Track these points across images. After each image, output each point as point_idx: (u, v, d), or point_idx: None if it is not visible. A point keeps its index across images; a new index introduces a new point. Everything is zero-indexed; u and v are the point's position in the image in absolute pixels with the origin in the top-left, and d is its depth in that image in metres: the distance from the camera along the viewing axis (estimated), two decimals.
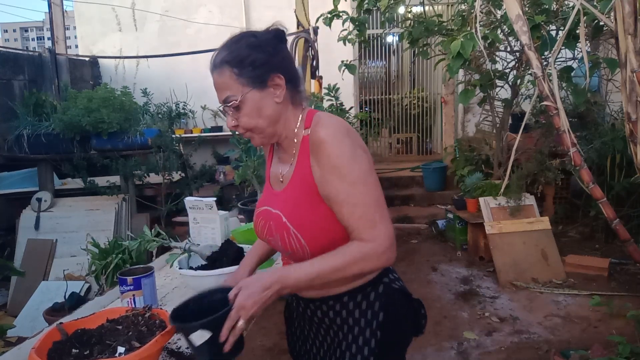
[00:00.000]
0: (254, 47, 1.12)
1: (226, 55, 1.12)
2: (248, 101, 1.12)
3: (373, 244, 1.08)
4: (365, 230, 1.09)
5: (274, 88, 1.14)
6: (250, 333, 1.48)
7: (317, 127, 1.13)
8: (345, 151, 1.09)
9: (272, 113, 1.14)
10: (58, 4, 6.22)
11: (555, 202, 5.25)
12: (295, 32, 4.69)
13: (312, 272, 1.09)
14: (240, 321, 1.05)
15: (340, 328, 1.24)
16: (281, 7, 6.21)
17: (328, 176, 1.10)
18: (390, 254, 1.10)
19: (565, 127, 2.54)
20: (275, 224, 1.19)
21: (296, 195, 1.16)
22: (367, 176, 1.11)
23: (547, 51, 3.24)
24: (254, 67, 1.11)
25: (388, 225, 1.10)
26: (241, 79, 1.11)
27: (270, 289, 1.07)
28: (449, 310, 3.57)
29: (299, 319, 1.37)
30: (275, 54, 1.14)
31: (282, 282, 1.08)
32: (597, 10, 2.58)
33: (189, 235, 1.93)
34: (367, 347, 1.20)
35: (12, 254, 4.27)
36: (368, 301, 1.23)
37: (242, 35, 1.15)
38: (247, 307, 1.05)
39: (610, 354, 2.52)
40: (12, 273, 3.89)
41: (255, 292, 1.06)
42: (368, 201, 1.09)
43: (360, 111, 7.13)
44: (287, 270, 1.11)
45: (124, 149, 4.58)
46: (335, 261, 1.09)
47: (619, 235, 2.59)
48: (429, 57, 5.07)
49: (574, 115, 4.86)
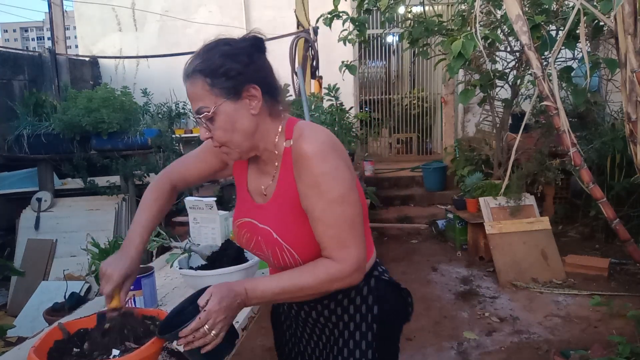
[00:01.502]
0: (228, 56, 1.07)
1: (199, 64, 1.07)
2: (221, 113, 1.06)
3: (341, 265, 1.06)
4: (335, 250, 1.07)
5: (249, 99, 1.08)
6: (250, 333, 1.48)
7: (301, 141, 1.09)
8: (327, 168, 1.06)
9: (247, 126, 1.09)
10: (58, 4, 6.22)
11: (555, 202, 5.25)
12: (295, 32, 4.70)
13: (278, 287, 1.07)
14: (208, 324, 0.99)
15: (335, 325, 1.25)
16: (281, 7, 6.22)
17: (307, 190, 1.08)
18: (357, 276, 1.08)
19: (565, 127, 2.55)
20: (266, 240, 1.17)
21: (284, 210, 1.14)
22: (347, 195, 1.07)
23: (547, 51, 3.23)
24: (227, 78, 1.06)
25: (359, 248, 1.08)
26: (214, 90, 1.05)
27: (239, 297, 1.04)
28: (449, 310, 3.57)
29: (290, 322, 1.37)
30: (250, 63, 1.08)
31: (249, 293, 1.05)
32: (597, 10, 2.58)
33: (189, 235, 1.93)
34: (365, 341, 1.22)
35: (12, 254, 4.27)
36: (362, 296, 1.24)
37: (215, 43, 1.10)
38: (216, 311, 1.00)
39: (610, 354, 2.52)
40: (12, 273, 3.89)
41: (226, 296, 1.02)
42: (342, 222, 1.06)
43: (360, 111, 7.13)
44: (255, 283, 1.07)
45: (124, 149, 4.58)
46: (301, 280, 1.07)
47: (619, 235, 2.59)
48: (429, 57, 5.07)
49: (574, 115, 4.86)
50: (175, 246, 1.75)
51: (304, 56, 4.53)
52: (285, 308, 1.37)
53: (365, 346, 1.21)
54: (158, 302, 1.56)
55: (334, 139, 1.12)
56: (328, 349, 1.27)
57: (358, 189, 1.21)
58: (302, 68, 4.33)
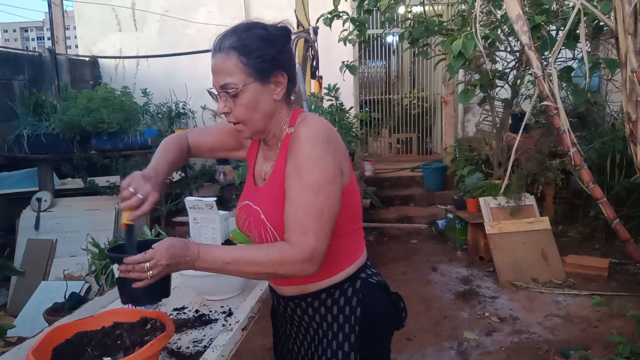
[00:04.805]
0: (265, 40, 1.11)
1: (235, 41, 1.10)
2: (248, 92, 1.10)
3: (294, 250, 1.04)
4: (294, 233, 1.06)
5: (275, 85, 1.14)
6: (250, 333, 1.48)
7: (300, 125, 1.13)
8: (314, 154, 1.08)
9: (268, 109, 1.14)
10: (58, 4, 6.22)
11: (555, 202, 5.25)
12: (295, 32, 4.69)
13: (229, 257, 1.05)
14: (150, 263, 1.00)
15: (319, 325, 1.25)
16: (281, 7, 6.20)
17: (290, 171, 1.10)
18: (308, 266, 1.05)
19: (565, 127, 2.54)
20: (255, 221, 1.20)
21: (274, 192, 1.16)
22: (324, 185, 1.07)
23: (547, 51, 3.23)
24: (262, 60, 1.10)
25: (319, 240, 1.05)
26: (247, 69, 1.09)
27: (190, 255, 1.03)
28: (449, 310, 3.57)
29: (282, 319, 1.38)
30: (283, 51, 1.14)
31: (201, 255, 1.04)
32: (598, 10, 2.58)
33: (189, 235, 1.92)
34: (347, 343, 1.21)
35: (12, 254, 4.26)
36: (346, 297, 1.23)
37: (253, 25, 1.14)
38: (162, 253, 1.01)
39: (610, 354, 2.51)
40: (12, 273, 3.89)
41: (177, 246, 1.02)
42: (310, 209, 1.06)
43: (360, 111, 7.13)
44: (210, 248, 1.07)
45: (124, 149, 4.58)
46: (253, 255, 1.06)
47: (619, 235, 2.59)
48: (429, 57, 5.07)
49: (574, 115, 4.86)
50: None
51: (304, 56, 4.52)
52: (275, 304, 1.38)
53: (347, 348, 1.21)
54: (158, 303, 1.56)
55: (332, 132, 1.14)
56: (313, 348, 1.27)
57: (355, 191, 1.22)
58: (302, 68, 4.33)
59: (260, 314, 1.56)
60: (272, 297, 1.39)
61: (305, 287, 1.23)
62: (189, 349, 1.29)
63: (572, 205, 5.17)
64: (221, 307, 1.55)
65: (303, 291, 1.24)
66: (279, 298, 1.32)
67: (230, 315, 1.48)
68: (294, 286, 1.25)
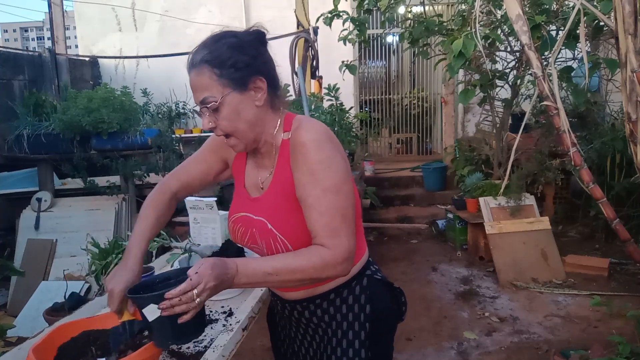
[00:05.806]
0: (236, 48, 1.09)
1: (206, 54, 1.08)
2: (227, 103, 1.08)
3: (334, 252, 1.05)
4: (326, 238, 1.06)
5: (255, 91, 1.11)
6: (250, 333, 1.48)
7: (299, 130, 1.11)
8: (324, 157, 1.08)
9: (251, 117, 1.11)
10: (58, 4, 6.22)
11: (555, 202, 5.25)
12: (295, 32, 4.70)
13: (270, 267, 1.04)
14: (197, 289, 0.95)
15: (329, 325, 1.25)
16: (281, 7, 6.22)
17: (302, 178, 1.09)
18: (346, 265, 1.07)
19: (565, 127, 2.54)
20: (260, 232, 1.17)
21: (279, 200, 1.15)
22: (341, 185, 1.08)
23: (547, 51, 3.24)
24: (236, 69, 1.07)
25: (350, 238, 1.07)
26: (222, 80, 1.07)
27: (230, 271, 1.00)
28: (449, 310, 3.57)
29: (284, 322, 1.37)
30: (257, 55, 1.11)
31: (240, 269, 1.02)
32: (598, 10, 2.58)
33: (189, 235, 1.92)
34: (358, 340, 1.22)
35: (12, 254, 4.26)
36: (354, 295, 1.24)
37: (222, 35, 1.12)
38: (209, 275, 0.96)
39: (610, 354, 2.51)
40: (12, 273, 3.88)
41: (219, 265, 0.99)
42: (335, 211, 1.06)
43: (360, 111, 7.13)
44: (247, 260, 1.05)
45: (124, 149, 4.57)
46: (295, 262, 1.05)
47: (619, 235, 2.59)
48: (429, 57, 5.07)
49: (574, 115, 4.86)
50: (176, 246, 1.75)
51: (304, 56, 4.53)
52: (279, 308, 1.37)
53: (358, 345, 1.21)
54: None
55: (331, 132, 1.14)
56: (322, 348, 1.27)
57: (353, 188, 1.22)
58: (302, 68, 4.33)
59: (260, 314, 1.56)
60: (273, 301, 1.38)
61: (313, 289, 1.23)
62: (190, 349, 1.29)
63: (572, 205, 5.17)
64: (222, 307, 1.55)
65: (311, 294, 1.24)
66: (283, 302, 1.31)
67: (231, 316, 1.48)
68: (302, 290, 1.24)
